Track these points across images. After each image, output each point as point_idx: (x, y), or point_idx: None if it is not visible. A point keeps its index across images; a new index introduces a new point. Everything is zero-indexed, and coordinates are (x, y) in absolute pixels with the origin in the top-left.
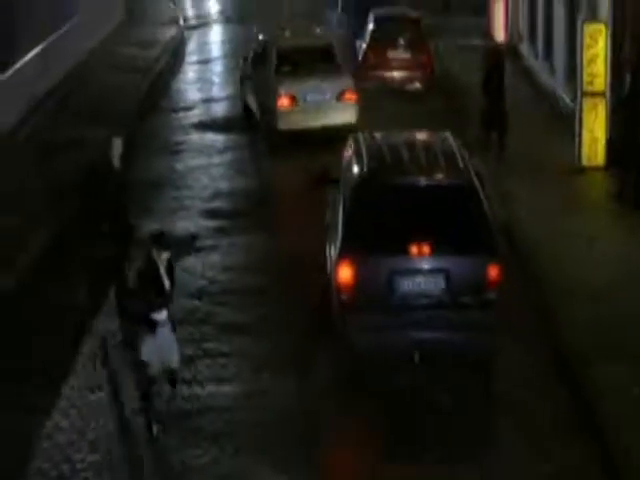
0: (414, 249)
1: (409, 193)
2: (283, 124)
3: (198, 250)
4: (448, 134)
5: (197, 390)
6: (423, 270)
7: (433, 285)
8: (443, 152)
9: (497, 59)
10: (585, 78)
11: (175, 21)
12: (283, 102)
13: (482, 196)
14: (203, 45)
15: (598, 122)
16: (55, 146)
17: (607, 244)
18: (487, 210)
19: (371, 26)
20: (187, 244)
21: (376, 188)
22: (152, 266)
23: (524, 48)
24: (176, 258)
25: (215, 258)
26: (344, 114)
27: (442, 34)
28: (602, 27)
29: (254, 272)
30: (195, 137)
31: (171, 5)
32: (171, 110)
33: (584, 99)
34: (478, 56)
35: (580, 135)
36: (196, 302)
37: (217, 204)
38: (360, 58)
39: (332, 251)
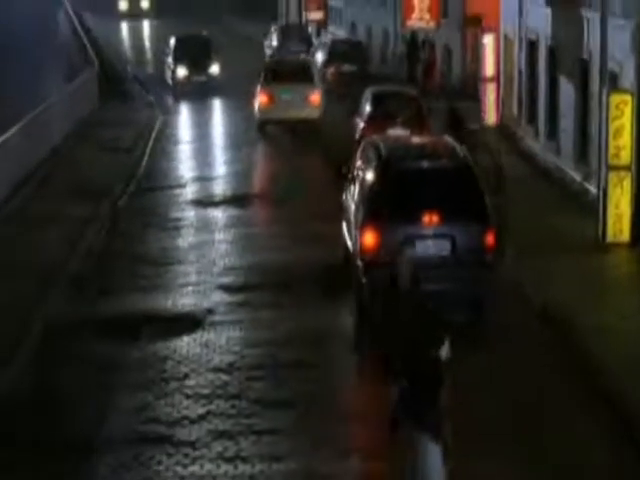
0: (426, 218)
1: (421, 174)
2: (262, 115)
3: (215, 325)
4: (447, 137)
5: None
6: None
7: (441, 248)
8: (444, 145)
9: (453, 120)
10: (611, 151)
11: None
12: (263, 99)
13: (478, 177)
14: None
15: (624, 197)
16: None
17: None
18: (482, 187)
19: (369, 103)
20: (201, 319)
21: (393, 171)
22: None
23: (521, 129)
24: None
25: (237, 333)
26: (309, 111)
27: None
28: (628, 97)
29: (283, 347)
30: (192, 213)
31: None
32: (161, 188)
33: (610, 173)
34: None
35: (605, 211)
36: (225, 377)
37: (229, 279)
38: (357, 135)
39: (348, 225)
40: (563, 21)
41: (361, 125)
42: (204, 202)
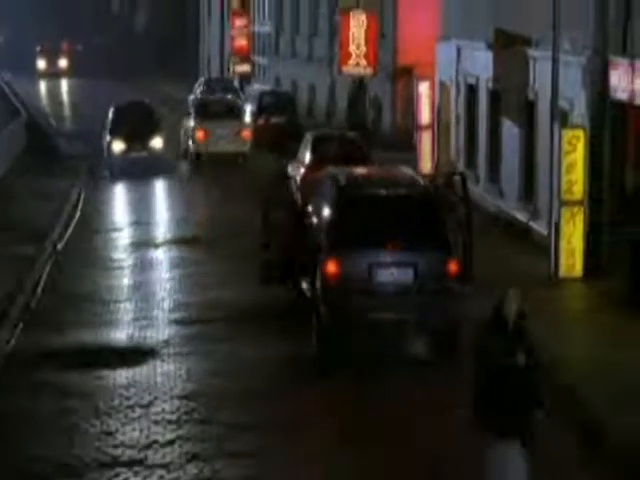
0: (387, 246)
1: (382, 202)
2: (198, 148)
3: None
4: (406, 167)
5: None
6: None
7: (404, 275)
8: (404, 174)
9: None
10: (563, 186)
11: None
12: (199, 134)
13: (438, 204)
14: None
15: (576, 232)
16: None
17: None
18: (443, 215)
19: (309, 147)
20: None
21: (353, 198)
22: None
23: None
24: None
25: (198, 364)
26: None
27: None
28: (581, 133)
29: (244, 377)
30: (134, 255)
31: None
32: (99, 231)
33: (562, 208)
34: None
35: (557, 246)
36: (191, 404)
37: (180, 314)
38: (298, 180)
39: None
40: (506, 63)
41: (301, 170)
42: None
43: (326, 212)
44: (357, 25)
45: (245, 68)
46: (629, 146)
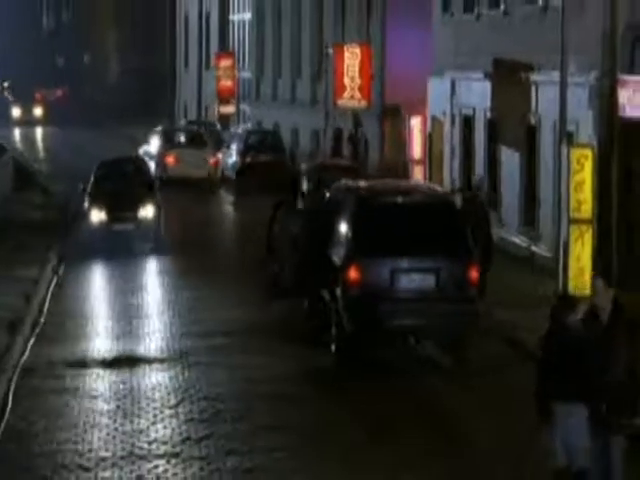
0: (409, 253)
1: (403, 209)
2: (171, 172)
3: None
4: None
5: None
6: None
7: (426, 281)
8: (422, 185)
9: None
10: (572, 205)
11: None
12: (170, 160)
13: (459, 212)
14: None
15: (585, 250)
16: None
17: None
18: (464, 223)
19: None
20: None
21: (374, 205)
22: None
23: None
24: None
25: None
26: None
27: None
28: (589, 151)
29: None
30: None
31: None
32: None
33: (571, 227)
34: None
35: (565, 266)
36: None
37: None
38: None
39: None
40: (506, 91)
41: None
42: None
43: (345, 222)
44: (351, 58)
45: (230, 109)
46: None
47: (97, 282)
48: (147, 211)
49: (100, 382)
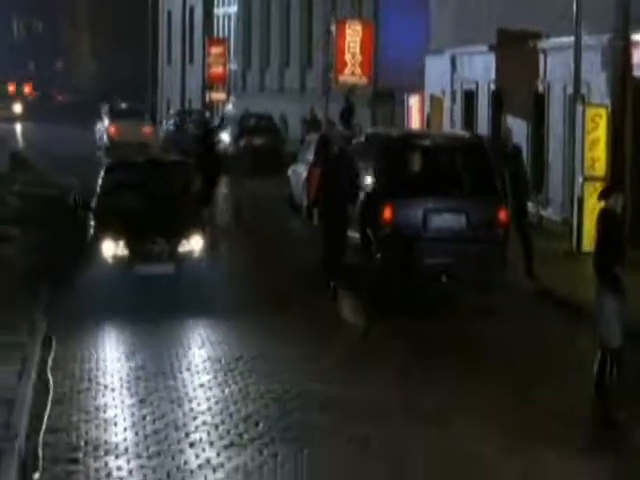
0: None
1: (434, 150)
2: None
3: None
4: None
5: None
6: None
7: (457, 222)
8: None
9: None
10: (586, 162)
11: None
12: (112, 130)
13: (488, 155)
14: None
15: (598, 207)
16: None
17: None
18: (492, 166)
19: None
20: None
21: (407, 147)
22: None
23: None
24: None
25: None
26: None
27: None
28: (603, 111)
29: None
30: None
31: None
32: None
33: (585, 184)
34: None
35: (580, 222)
36: None
37: None
38: (304, 179)
39: None
40: (512, 61)
41: (304, 174)
42: None
43: (380, 164)
44: (353, 35)
45: (221, 96)
46: None
47: (109, 386)
48: (194, 242)
49: None
